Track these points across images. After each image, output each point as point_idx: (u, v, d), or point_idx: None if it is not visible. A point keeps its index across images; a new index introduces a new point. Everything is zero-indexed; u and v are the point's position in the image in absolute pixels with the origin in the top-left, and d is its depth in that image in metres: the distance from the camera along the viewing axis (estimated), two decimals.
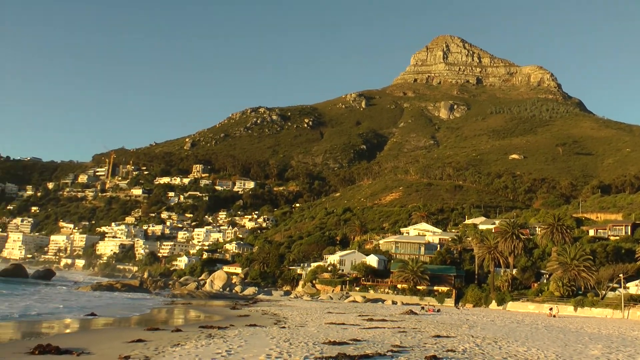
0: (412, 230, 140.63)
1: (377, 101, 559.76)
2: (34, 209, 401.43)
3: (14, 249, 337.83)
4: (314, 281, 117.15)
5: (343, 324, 47.02)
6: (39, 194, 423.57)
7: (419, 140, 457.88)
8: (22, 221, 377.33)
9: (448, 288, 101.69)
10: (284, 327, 42.87)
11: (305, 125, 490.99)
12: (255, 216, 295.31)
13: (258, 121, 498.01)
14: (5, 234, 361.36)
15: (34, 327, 42.26)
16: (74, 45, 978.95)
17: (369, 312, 65.99)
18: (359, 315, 59.31)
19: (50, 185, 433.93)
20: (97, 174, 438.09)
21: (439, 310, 75.46)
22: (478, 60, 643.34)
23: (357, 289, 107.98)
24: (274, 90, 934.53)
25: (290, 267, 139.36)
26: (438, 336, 36.34)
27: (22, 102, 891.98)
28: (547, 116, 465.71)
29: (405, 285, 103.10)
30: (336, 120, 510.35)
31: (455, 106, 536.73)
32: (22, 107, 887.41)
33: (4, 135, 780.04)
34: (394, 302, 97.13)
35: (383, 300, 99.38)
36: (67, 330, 41.29)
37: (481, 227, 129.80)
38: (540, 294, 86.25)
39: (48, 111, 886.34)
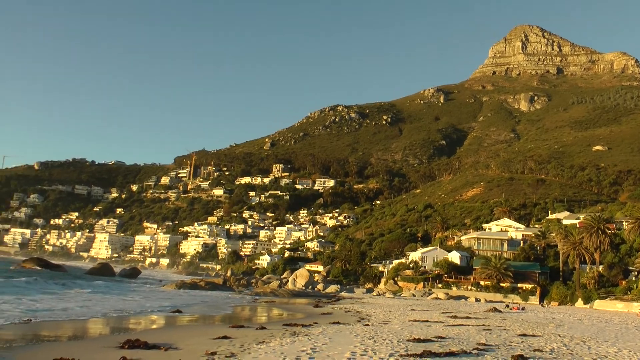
0: (494, 226, 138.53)
1: (456, 95, 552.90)
2: (119, 210, 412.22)
3: (101, 249, 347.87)
4: (396, 278, 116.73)
5: (427, 321, 46.81)
6: (123, 196, 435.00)
7: (499, 133, 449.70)
8: (107, 222, 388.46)
9: (532, 285, 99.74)
10: (367, 325, 42.90)
11: (384, 122, 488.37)
12: (335, 214, 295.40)
13: (337, 119, 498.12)
14: (92, 234, 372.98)
15: (122, 322, 43.35)
16: (155, 48, 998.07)
17: (453, 310, 65.45)
18: (443, 313, 58.90)
19: (134, 188, 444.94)
20: (179, 175, 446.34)
21: (523, 308, 74.30)
22: (558, 49, 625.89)
23: (440, 285, 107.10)
24: (352, 88, 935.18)
25: (372, 265, 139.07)
26: (524, 335, 35.79)
27: (105, 108, 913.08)
28: (632, 104, 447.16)
29: (488, 282, 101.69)
30: (415, 116, 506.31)
31: (535, 97, 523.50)
32: (106, 113, 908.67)
33: (90, 141, 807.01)
34: (477, 300, 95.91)
35: (466, 298, 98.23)
36: (154, 326, 42.19)
37: (565, 222, 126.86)
38: (628, 292, 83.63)
39: (131, 116, 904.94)
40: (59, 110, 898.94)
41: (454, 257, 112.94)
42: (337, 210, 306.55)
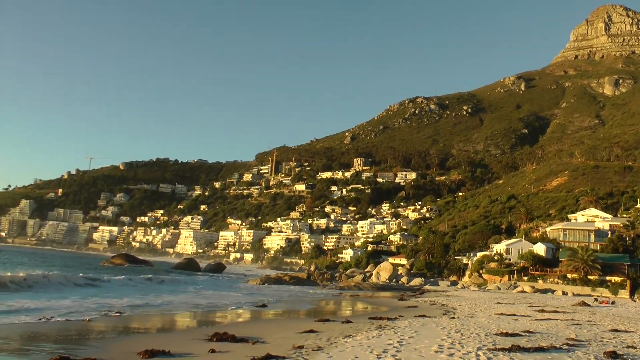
0: (580, 217, 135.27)
1: (537, 82, 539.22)
2: (202, 207, 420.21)
3: (186, 245, 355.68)
4: (480, 271, 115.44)
5: (513, 315, 46.19)
6: (206, 193, 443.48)
7: (583, 120, 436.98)
8: (192, 219, 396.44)
9: (621, 278, 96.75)
10: (453, 318, 42.62)
11: (464, 112, 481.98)
12: (418, 207, 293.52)
13: (416, 111, 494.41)
14: (177, 231, 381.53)
15: (209, 316, 44.03)
16: (237, 50, 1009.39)
17: (539, 303, 64.35)
18: (529, 306, 57.99)
19: (217, 185, 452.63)
20: (261, 172, 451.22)
21: (613, 302, 72.42)
22: None
23: (525, 278, 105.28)
24: (431, 80, 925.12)
25: (456, 257, 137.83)
26: (615, 330, 34.89)
27: (187, 109, 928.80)
28: None
29: (575, 275, 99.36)
30: (495, 105, 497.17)
31: (620, 81, 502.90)
32: (188, 113, 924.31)
33: (173, 141, 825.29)
34: (564, 293, 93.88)
35: (552, 291, 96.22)
36: (240, 320, 42.71)
37: None
38: None
39: (212, 115, 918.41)
40: (142, 112, 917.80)
41: (539, 249, 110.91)
42: (419, 202, 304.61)
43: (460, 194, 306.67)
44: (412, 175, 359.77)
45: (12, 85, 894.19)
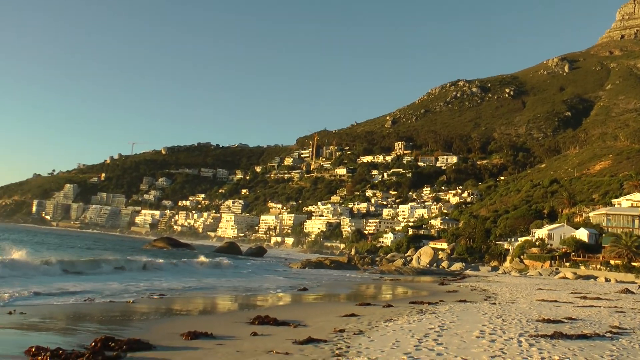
0: (624, 201, 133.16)
1: (581, 63, 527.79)
2: (243, 191, 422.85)
3: (227, 229, 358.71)
4: (521, 256, 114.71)
5: (555, 301, 45.81)
6: (247, 177, 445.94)
7: (629, 102, 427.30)
8: (233, 203, 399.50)
9: None
10: (494, 303, 42.41)
11: (506, 95, 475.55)
12: (459, 191, 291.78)
13: (458, 94, 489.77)
14: (218, 215, 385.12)
15: (250, 299, 44.29)
16: (271, 33, 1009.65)
17: (582, 290, 63.67)
18: (571, 293, 57.41)
19: (258, 169, 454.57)
20: (301, 156, 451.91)
21: None
22: None
23: (567, 264, 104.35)
24: (473, 62, 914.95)
25: (497, 242, 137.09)
26: None
27: (228, 93, 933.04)
28: None
29: (618, 262, 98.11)
30: (538, 88, 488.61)
31: None
32: (229, 98, 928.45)
33: (215, 125, 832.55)
34: (606, 280, 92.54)
35: (595, 277, 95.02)
36: (281, 303, 42.95)
37: None
38: None
39: (252, 100, 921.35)
40: (183, 97, 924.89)
41: (582, 234, 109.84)
42: (461, 187, 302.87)
43: (502, 178, 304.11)
44: (454, 159, 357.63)
45: (56, 73, 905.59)
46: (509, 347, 21.83)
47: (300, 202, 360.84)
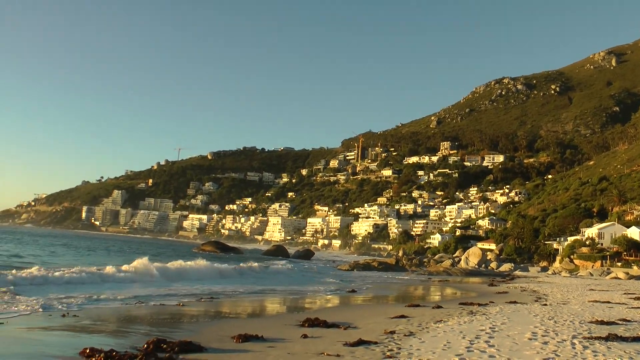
0: None
1: (629, 57, 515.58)
2: (290, 194, 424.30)
3: (274, 232, 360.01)
4: (571, 256, 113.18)
5: (608, 302, 45.04)
6: (293, 180, 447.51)
7: None
8: (280, 206, 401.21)
9: None
10: (545, 305, 41.89)
11: (552, 91, 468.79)
12: (506, 190, 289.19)
13: (503, 92, 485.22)
14: (265, 218, 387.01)
15: (298, 302, 44.38)
16: (314, 36, 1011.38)
17: (635, 290, 62.35)
18: (624, 294, 56.34)
19: (304, 172, 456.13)
20: (347, 158, 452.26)
21: None
22: None
23: (619, 264, 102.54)
24: (518, 59, 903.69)
25: (546, 242, 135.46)
26: None
27: (273, 97, 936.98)
28: None
29: None
30: (585, 83, 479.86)
31: None
32: (273, 102, 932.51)
33: (260, 130, 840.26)
34: None
35: None
36: (329, 305, 42.91)
37: None
38: None
39: (297, 103, 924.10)
40: (228, 103, 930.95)
41: (634, 233, 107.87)
42: (508, 186, 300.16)
43: (550, 176, 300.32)
44: (500, 158, 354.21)
45: (104, 84, 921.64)
46: (562, 349, 21.52)
47: (346, 204, 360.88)
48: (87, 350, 19.24)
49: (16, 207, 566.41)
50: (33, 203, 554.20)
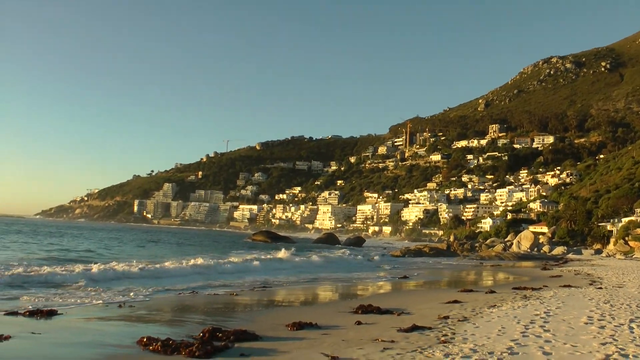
0: None
1: None
2: (339, 182, 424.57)
3: (324, 220, 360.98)
4: (626, 238, 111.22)
5: None
6: (342, 168, 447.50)
7: None
8: (329, 194, 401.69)
9: None
10: (600, 288, 41.29)
11: (602, 69, 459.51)
12: (557, 172, 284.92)
13: (551, 72, 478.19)
14: (315, 206, 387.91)
15: (350, 289, 44.45)
16: (360, 20, 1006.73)
17: None
18: None
19: (353, 159, 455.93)
20: (395, 144, 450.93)
21: None
22: None
23: None
24: (565, 37, 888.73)
25: (599, 224, 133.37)
26: None
27: (319, 86, 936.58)
28: None
29: None
30: (636, 59, 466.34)
31: None
32: (320, 90, 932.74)
33: (307, 119, 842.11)
34: None
35: None
36: (381, 292, 43.03)
37: None
38: None
39: (344, 91, 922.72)
40: (275, 92, 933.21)
41: None
42: (559, 167, 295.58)
43: (602, 156, 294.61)
44: (550, 139, 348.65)
45: (153, 79, 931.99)
46: (620, 333, 21.25)
47: (396, 190, 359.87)
48: (144, 339, 19.76)
49: (70, 202, 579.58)
50: (86, 198, 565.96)
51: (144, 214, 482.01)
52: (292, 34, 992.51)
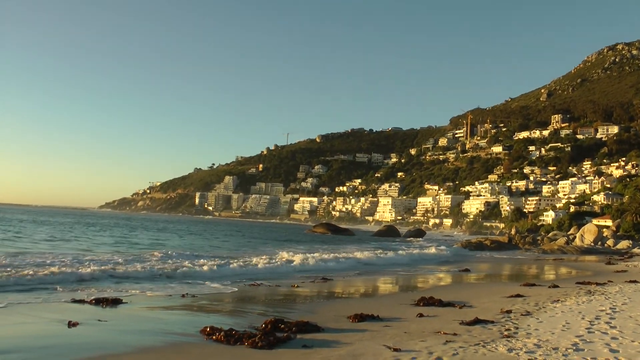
0: None
1: None
2: (399, 174, 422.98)
3: (385, 212, 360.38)
4: None
5: None
6: (402, 160, 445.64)
7: None
8: (389, 186, 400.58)
9: None
10: None
11: None
12: (622, 163, 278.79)
13: (617, 59, 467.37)
14: (375, 199, 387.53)
15: (410, 281, 44.49)
16: (417, 10, 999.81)
17: None
18: None
19: (413, 151, 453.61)
20: (456, 136, 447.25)
21: None
22: None
23: None
24: (632, 22, 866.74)
25: None
26: None
27: (378, 77, 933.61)
28: None
29: None
30: None
31: None
32: (379, 82, 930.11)
33: (367, 111, 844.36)
34: None
35: None
36: (442, 284, 42.92)
37: None
38: None
39: (403, 83, 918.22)
40: (335, 84, 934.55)
41: None
42: (624, 158, 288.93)
43: None
44: (614, 129, 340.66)
45: (213, 72, 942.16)
46: None
47: (456, 182, 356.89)
48: (208, 329, 20.19)
49: (132, 195, 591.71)
50: (148, 191, 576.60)
51: (205, 206, 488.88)
52: (351, 28, 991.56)
